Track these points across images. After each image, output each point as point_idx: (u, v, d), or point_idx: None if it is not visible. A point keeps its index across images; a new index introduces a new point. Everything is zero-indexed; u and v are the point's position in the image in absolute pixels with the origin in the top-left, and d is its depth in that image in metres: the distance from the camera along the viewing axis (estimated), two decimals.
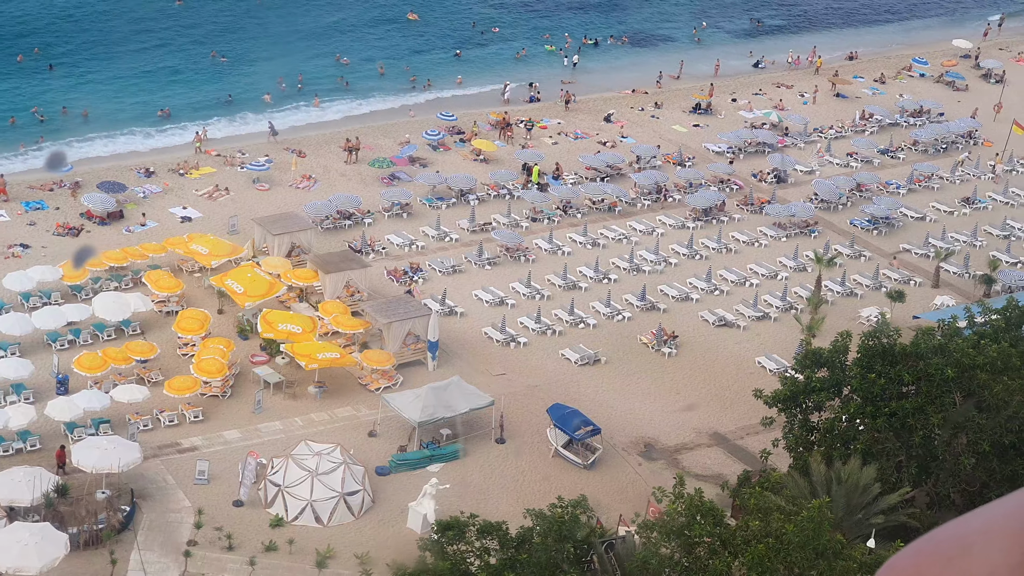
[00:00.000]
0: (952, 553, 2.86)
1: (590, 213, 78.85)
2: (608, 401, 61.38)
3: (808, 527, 30.86)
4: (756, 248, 76.97)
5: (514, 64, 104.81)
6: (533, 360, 63.93)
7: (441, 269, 70.17)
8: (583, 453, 56.84)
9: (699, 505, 32.50)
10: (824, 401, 49.95)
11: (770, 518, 31.85)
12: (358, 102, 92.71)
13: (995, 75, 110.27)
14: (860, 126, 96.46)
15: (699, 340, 67.07)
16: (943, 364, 48.09)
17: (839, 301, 71.64)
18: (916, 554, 2.95)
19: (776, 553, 30.25)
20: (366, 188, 78.17)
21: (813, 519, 31.17)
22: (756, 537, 30.67)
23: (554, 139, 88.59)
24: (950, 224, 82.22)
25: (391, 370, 60.26)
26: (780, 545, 30.28)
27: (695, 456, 58.38)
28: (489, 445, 57.34)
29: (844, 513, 44.34)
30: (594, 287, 70.43)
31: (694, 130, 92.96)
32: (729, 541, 31.38)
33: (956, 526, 2.98)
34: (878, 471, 46.50)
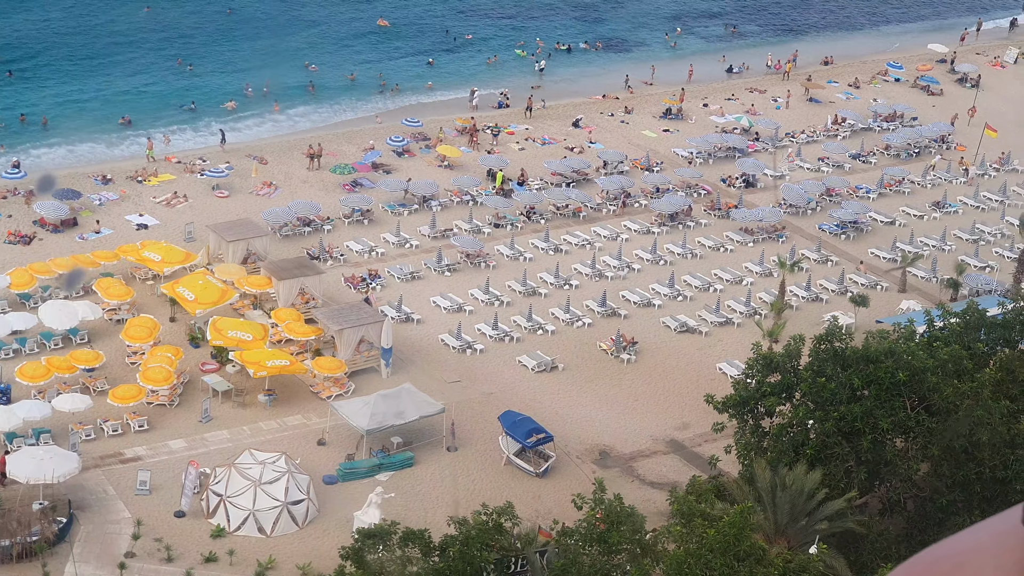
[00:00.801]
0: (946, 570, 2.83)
1: (554, 219, 78.01)
2: (564, 408, 60.51)
3: (729, 532, 29.97)
4: (722, 253, 76.14)
5: (485, 70, 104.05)
6: (489, 367, 63.05)
7: (400, 276, 69.33)
8: (535, 461, 55.94)
9: (619, 511, 31.60)
10: (775, 406, 49.06)
11: (692, 523, 30.96)
12: (325, 108, 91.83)
13: (971, 79, 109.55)
14: (832, 131, 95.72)
15: (660, 346, 66.22)
16: (893, 368, 47.24)
17: (804, 306, 70.81)
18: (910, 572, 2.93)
19: (696, 559, 29.37)
20: (328, 195, 77.32)
21: (734, 524, 30.27)
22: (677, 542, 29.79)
23: (521, 145, 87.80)
24: (920, 228, 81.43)
25: (343, 377, 59.36)
26: (700, 551, 29.40)
27: (650, 463, 57.50)
28: (440, 453, 56.43)
29: (789, 519, 43.48)
30: (555, 293, 69.58)
31: (664, 135, 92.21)
32: (649, 548, 30.48)
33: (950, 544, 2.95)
34: (826, 477, 45.63)
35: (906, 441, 48.35)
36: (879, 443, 46.90)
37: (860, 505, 49.67)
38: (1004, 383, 52.90)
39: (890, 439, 47.56)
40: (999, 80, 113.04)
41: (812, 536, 44.02)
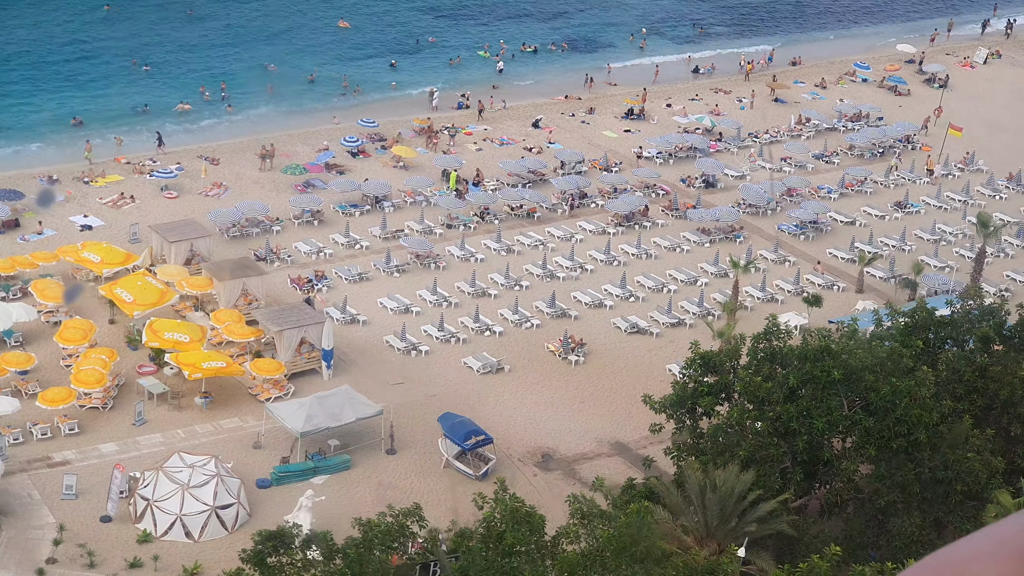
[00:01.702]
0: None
1: (508, 219, 77.04)
2: (509, 410, 59.53)
3: (625, 532, 28.98)
4: (678, 254, 75.25)
5: (448, 71, 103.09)
6: (434, 368, 62.06)
7: (347, 277, 68.32)
8: (475, 464, 54.95)
9: (516, 511, 30.60)
10: (710, 406, 48.09)
11: (593, 524, 29.98)
12: (283, 109, 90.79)
13: (939, 80, 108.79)
14: (796, 131, 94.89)
15: (609, 347, 65.26)
16: (829, 366, 46.32)
17: (759, 307, 69.86)
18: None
19: (591, 560, 28.39)
20: (279, 195, 76.31)
21: (632, 524, 29.28)
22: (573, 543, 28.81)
23: (478, 146, 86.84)
24: (882, 228, 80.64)
25: (282, 379, 58.33)
26: (595, 552, 28.41)
27: (594, 466, 56.44)
28: (379, 456, 55.42)
29: (719, 521, 42.51)
30: (505, 294, 68.60)
31: (625, 135, 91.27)
32: (548, 549, 29.50)
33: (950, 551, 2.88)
34: (760, 478, 44.68)
35: (843, 441, 47.44)
36: (815, 443, 45.99)
37: (799, 507, 48.76)
38: (950, 383, 52.10)
39: (827, 439, 46.64)
40: (968, 80, 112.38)
41: (745, 537, 43.13)
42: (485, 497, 33.54)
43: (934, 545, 46.40)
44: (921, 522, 46.44)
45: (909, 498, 47.29)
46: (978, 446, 47.37)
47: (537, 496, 54.00)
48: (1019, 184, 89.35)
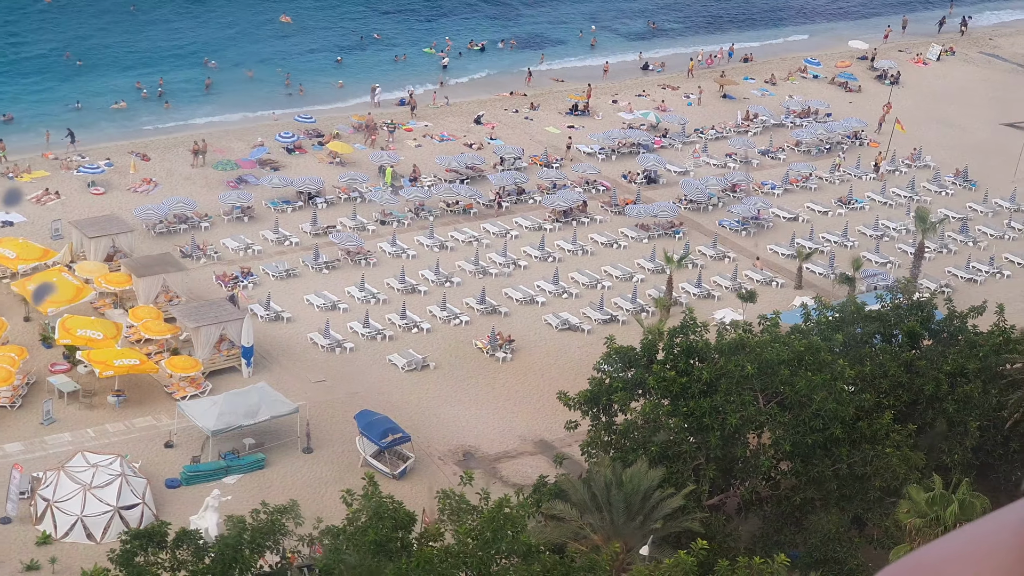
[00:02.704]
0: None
1: (444, 215, 75.86)
2: (432, 408, 58.34)
3: (487, 527, 27.82)
4: (615, 250, 74.17)
5: (393, 68, 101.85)
6: (358, 366, 60.82)
7: (274, 273, 67.03)
8: (393, 462, 53.73)
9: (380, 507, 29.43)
10: (626, 402, 46.95)
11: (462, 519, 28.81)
12: (221, 105, 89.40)
13: (890, 76, 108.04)
14: (743, 127, 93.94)
15: (539, 344, 64.13)
16: (743, 360, 45.29)
17: (695, 303, 68.69)
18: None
19: (455, 556, 27.21)
20: (211, 192, 74.92)
21: (495, 519, 28.11)
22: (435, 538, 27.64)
23: (418, 142, 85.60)
24: (825, 224, 79.78)
25: (199, 377, 56.98)
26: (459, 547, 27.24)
27: (516, 464, 55.36)
28: (295, 454, 54.15)
29: (625, 519, 41.39)
30: (435, 291, 67.38)
31: (568, 131, 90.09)
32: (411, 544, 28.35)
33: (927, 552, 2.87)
34: (673, 475, 43.62)
35: (759, 437, 46.40)
36: (729, 440, 44.90)
37: (715, 505, 47.70)
38: (875, 378, 51.19)
39: (742, 435, 45.52)
40: (920, 77, 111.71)
41: (658, 535, 42.07)
42: (353, 493, 32.38)
43: (851, 543, 45.43)
44: (839, 519, 45.42)
45: (827, 495, 46.31)
46: (898, 442, 46.43)
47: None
48: (965, 180, 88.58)
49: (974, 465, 51.76)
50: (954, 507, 39.96)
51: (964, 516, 40.30)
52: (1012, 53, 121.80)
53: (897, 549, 41.31)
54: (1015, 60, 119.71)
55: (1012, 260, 77.68)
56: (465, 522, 29.15)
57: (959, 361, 51.80)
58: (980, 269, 75.55)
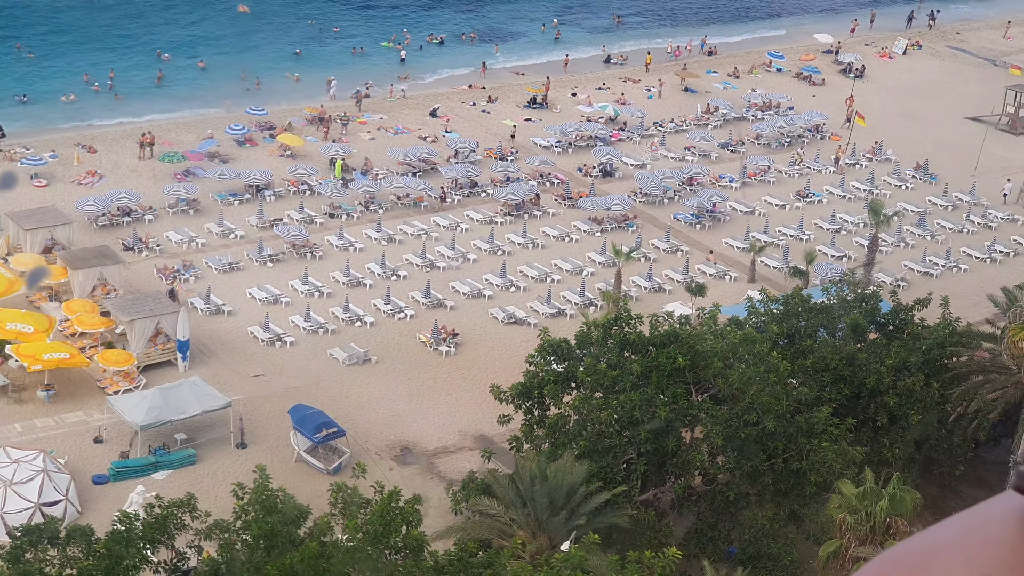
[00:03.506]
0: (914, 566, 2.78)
1: (395, 208, 74.84)
2: (372, 402, 57.35)
3: (376, 522, 26.85)
4: (566, 243, 73.23)
5: (351, 60, 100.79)
6: (298, 360, 59.78)
7: (217, 266, 65.91)
8: (329, 458, 52.71)
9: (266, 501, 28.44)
10: (557, 395, 46.02)
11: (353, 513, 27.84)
12: (173, 97, 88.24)
13: (855, 69, 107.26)
14: (703, 120, 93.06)
15: (484, 338, 63.16)
16: (674, 352, 44.38)
17: (645, 296, 67.95)
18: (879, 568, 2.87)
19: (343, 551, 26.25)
20: (157, 184, 73.76)
21: (384, 512, 27.15)
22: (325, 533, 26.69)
23: (372, 134, 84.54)
24: (782, 218, 78.93)
25: (133, 371, 55.87)
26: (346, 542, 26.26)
27: (454, 460, 54.35)
28: (228, 450, 53.09)
29: (549, 514, 40.45)
30: (382, 284, 66.35)
31: (526, 124, 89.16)
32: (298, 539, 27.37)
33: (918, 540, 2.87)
34: (603, 469, 42.71)
35: (691, 431, 45.50)
36: (660, 434, 43.96)
37: (648, 500, 46.81)
38: (817, 371, 50.42)
39: (674, 429, 44.57)
40: (885, 71, 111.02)
41: (582, 531, 41.14)
42: (244, 486, 31.38)
43: (786, 539, 44.61)
44: (773, 515, 44.59)
45: (763, 490, 45.48)
46: (836, 435, 45.61)
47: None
48: (926, 173, 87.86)
49: (916, 459, 51.07)
50: (884, 502, 39.12)
51: (894, 511, 39.49)
52: (979, 47, 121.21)
53: (827, 544, 40.44)
54: (982, 54, 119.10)
55: (970, 254, 76.97)
56: (356, 516, 28.17)
57: (902, 354, 51.08)
58: (936, 263, 74.79)
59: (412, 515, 28.70)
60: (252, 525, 27.61)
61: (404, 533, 27.77)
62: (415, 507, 29.29)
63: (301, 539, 28.02)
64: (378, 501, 28.97)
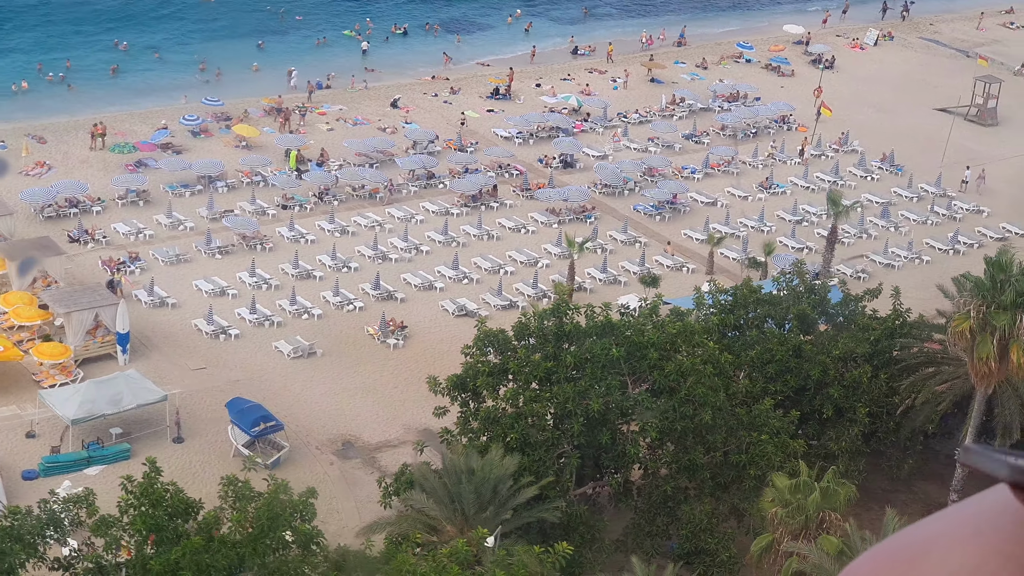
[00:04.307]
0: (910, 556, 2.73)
1: (349, 200, 73.82)
2: (315, 396, 56.34)
3: (262, 516, 25.89)
4: (522, 235, 72.26)
5: (314, 52, 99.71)
6: (242, 353, 58.78)
7: (164, 258, 64.84)
8: (268, 452, 51.71)
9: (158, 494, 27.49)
10: (490, 387, 45.02)
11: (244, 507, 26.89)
12: (128, 87, 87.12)
13: (825, 60, 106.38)
14: (668, 111, 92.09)
15: (434, 330, 62.16)
16: (609, 343, 43.42)
17: (600, 288, 67.02)
18: (874, 558, 2.80)
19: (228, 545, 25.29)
20: (108, 175, 72.65)
21: (271, 506, 26.18)
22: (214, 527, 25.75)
23: (330, 125, 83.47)
24: (745, 209, 78.01)
25: (70, 364, 54.81)
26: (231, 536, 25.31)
27: (397, 453, 53.27)
28: (165, 444, 52.04)
29: (475, 509, 39.48)
30: (332, 276, 65.31)
31: (487, 115, 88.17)
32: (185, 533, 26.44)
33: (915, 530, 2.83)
34: (534, 463, 41.75)
35: (627, 424, 44.53)
36: (594, 426, 42.98)
37: (587, 495, 45.95)
38: (762, 362, 49.56)
39: (608, 422, 43.58)
40: (856, 62, 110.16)
41: (512, 525, 40.27)
42: (132, 479, 30.40)
43: (724, 534, 43.71)
44: (712, 509, 43.69)
45: (702, 484, 44.57)
46: (777, 428, 44.73)
47: (330, 485, 51.07)
48: (892, 165, 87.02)
49: (863, 452, 50.17)
50: (816, 495, 38.22)
51: (827, 504, 38.60)
52: (952, 38, 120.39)
53: (759, 539, 39.54)
54: (955, 46, 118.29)
55: (932, 245, 76.13)
56: (245, 510, 27.22)
57: (849, 345, 50.22)
58: (899, 254, 73.92)
59: (304, 509, 27.77)
60: (136, 520, 26.66)
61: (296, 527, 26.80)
62: (308, 500, 28.41)
63: (187, 534, 27.07)
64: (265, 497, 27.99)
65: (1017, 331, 44.24)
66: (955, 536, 2.74)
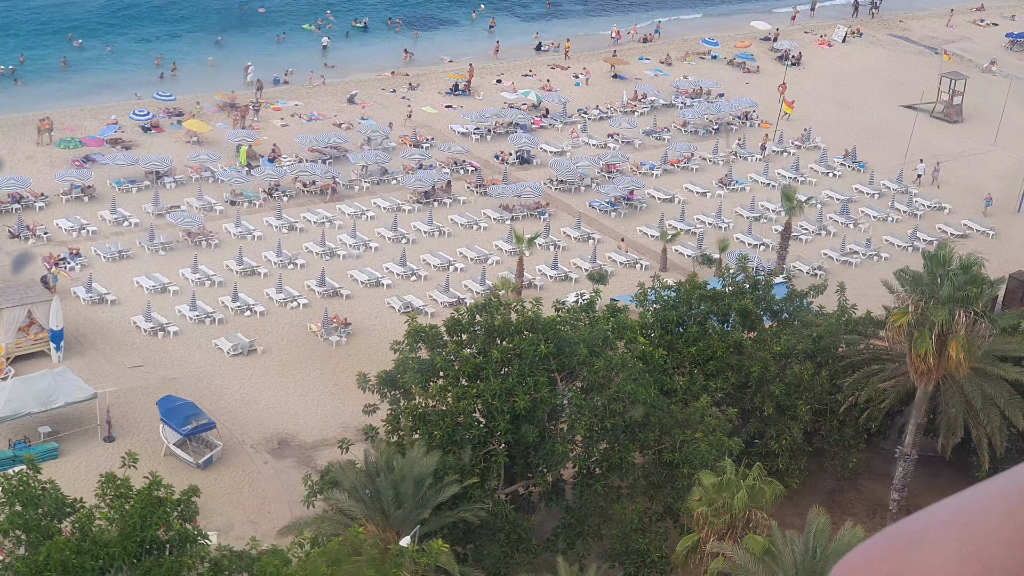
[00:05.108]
0: (904, 546, 2.80)
1: (300, 196, 72.79)
2: (253, 394, 55.33)
3: (134, 514, 24.92)
4: (474, 231, 71.28)
5: (274, 47, 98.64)
6: (181, 350, 57.72)
7: (106, 255, 63.75)
8: (200, 451, 50.70)
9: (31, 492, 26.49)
10: (417, 383, 43.99)
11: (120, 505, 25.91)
12: (79, 83, 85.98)
13: (791, 57, 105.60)
14: (629, 107, 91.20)
15: (379, 327, 61.14)
16: (537, 339, 42.44)
17: (550, 285, 66.08)
18: (868, 550, 2.86)
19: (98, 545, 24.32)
20: (54, 171, 71.54)
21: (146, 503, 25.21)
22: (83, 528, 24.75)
23: (284, 121, 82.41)
24: (703, 206, 77.15)
25: (1, 361, 53.71)
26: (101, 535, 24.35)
27: (334, 452, 52.06)
28: (95, 443, 51.00)
29: (394, 508, 38.49)
30: (276, 272, 64.27)
31: (445, 111, 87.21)
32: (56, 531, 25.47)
33: (908, 522, 2.89)
34: (458, 461, 40.74)
35: (555, 421, 43.57)
36: (520, 424, 41.99)
37: (519, 494, 44.97)
38: (703, 359, 48.68)
39: (536, 419, 42.59)
40: (823, 58, 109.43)
41: (433, 525, 39.27)
42: (7, 476, 29.39)
43: (656, 534, 42.74)
44: (644, 508, 42.73)
45: (634, 483, 43.62)
46: (712, 426, 43.78)
47: (262, 484, 50.14)
48: (854, 161, 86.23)
49: (806, 451, 49.28)
50: (742, 494, 37.29)
51: (753, 503, 37.68)
52: (922, 35, 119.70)
53: (685, 539, 38.61)
54: (924, 42, 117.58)
55: (892, 242, 75.31)
56: (121, 508, 26.24)
57: (791, 342, 49.31)
58: (856, 251, 73.10)
59: (185, 507, 26.77)
60: (5, 520, 25.67)
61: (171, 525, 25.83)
62: (190, 499, 27.43)
63: (60, 532, 26.09)
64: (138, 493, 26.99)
65: (955, 326, 43.32)
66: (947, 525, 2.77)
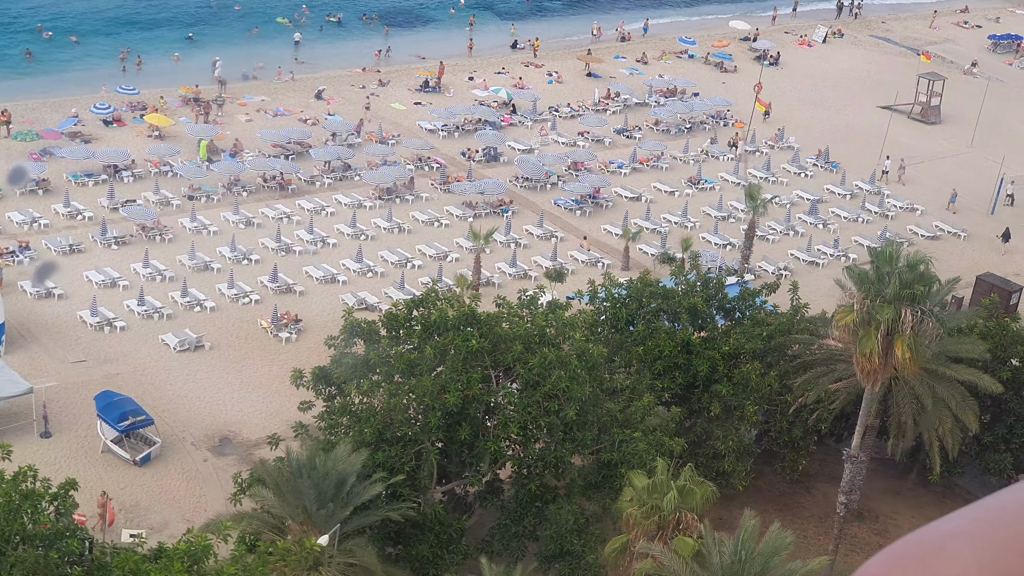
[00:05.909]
0: (924, 555, 2.77)
1: (260, 191, 71.85)
2: (197, 390, 54.36)
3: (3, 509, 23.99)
4: (435, 228, 70.35)
5: (246, 42, 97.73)
6: (127, 345, 56.74)
7: (57, 248, 62.80)
8: (137, 447, 49.73)
9: None
10: (348, 379, 43.09)
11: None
12: (47, 77, 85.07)
13: (769, 57, 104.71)
14: (601, 105, 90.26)
15: (331, 324, 59.86)
16: (470, 335, 41.52)
17: (509, 283, 65.17)
18: (888, 558, 2.83)
19: None
20: (8, 163, 70.48)
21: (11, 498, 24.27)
22: None
23: (249, 116, 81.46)
24: (670, 205, 76.21)
25: None
26: None
27: (275, 450, 51.29)
28: (31, 439, 50.01)
29: (317, 507, 37.52)
30: (230, 268, 63.31)
31: (414, 108, 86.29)
32: None
33: (928, 530, 2.85)
34: (389, 459, 39.82)
35: (489, 419, 42.62)
36: (452, 421, 41.04)
37: (454, 493, 44.03)
38: (651, 358, 47.79)
39: (469, 416, 41.62)
40: (802, 58, 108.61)
41: (356, 524, 38.30)
42: None
43: (591, 535, 41.76)
44: (579, 510, 41.75)
45: (571, 483, 42.63)
46: (653, 426, 42.83)
47: (200, 482, 49.20)
48: (827, 161, 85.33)
49: (753, 452, 48.32)
50: (672, 495, 36.27)
51: (684, 504, 36.65)
52: (903, 36, 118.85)
53: (613, 540, 37.60)
54: (906, 43, 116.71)
55: (861, 243, 74.36)
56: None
57: (740, 341, 48.38)
58: (824, 252, 72.19)
59: (63, 501, 25.82)
60: None
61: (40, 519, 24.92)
62: (68, 492, 26.50)
63: None
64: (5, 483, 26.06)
65: (901, 325, 42.34)
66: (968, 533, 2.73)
